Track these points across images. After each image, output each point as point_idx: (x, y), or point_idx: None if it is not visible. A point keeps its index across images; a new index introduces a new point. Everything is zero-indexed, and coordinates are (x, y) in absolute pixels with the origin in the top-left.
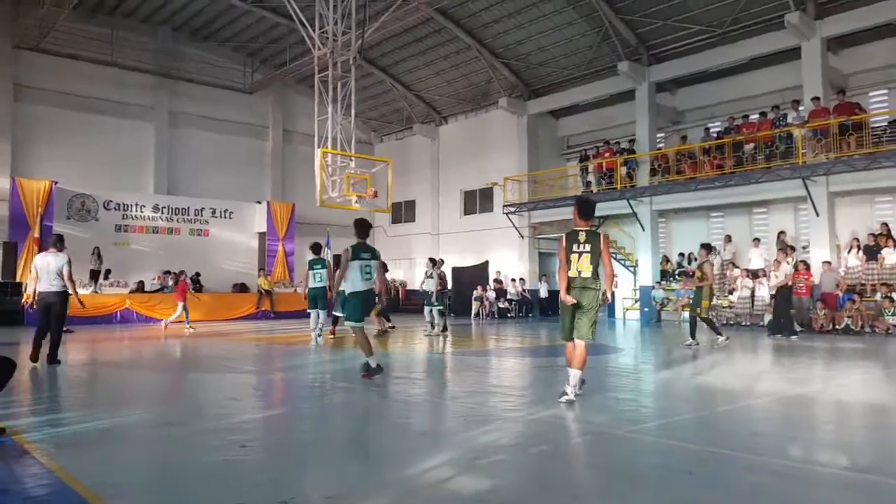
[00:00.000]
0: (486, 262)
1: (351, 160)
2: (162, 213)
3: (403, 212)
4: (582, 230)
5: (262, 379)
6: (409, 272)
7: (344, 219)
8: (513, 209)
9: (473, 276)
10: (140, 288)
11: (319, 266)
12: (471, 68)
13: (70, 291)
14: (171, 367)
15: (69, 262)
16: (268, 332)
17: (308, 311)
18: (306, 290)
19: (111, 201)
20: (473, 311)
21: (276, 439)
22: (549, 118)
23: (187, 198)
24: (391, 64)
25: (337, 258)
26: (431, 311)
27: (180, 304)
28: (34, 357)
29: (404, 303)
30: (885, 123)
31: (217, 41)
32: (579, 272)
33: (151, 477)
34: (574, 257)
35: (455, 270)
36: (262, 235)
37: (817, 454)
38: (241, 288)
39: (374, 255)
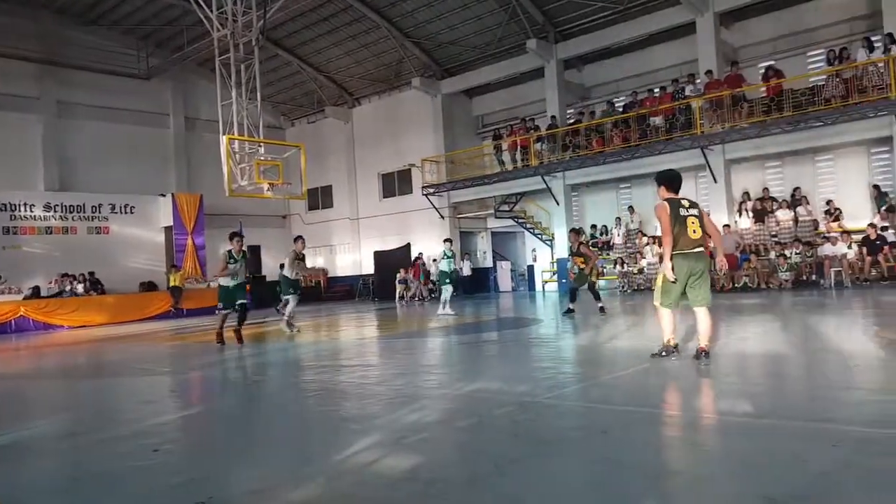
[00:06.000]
0: (409, 245)
1: (260, 146)
2: (55, 211)
3: (320, 198)
4: (683, 198)
5: (177, 379)
6: (330, 259)
7: (256, 208)
8: (432, 190)
9: (396, 259)
10: (35, 293)
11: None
12: (381, 48)
13: None
14: (77, 375)
15: None
16: (181, 330)
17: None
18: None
19: None
20: (397, 295)
21: (192, 440)
22: (463, 97)
23: (83, 194)
24: (298, 44)
25: (250, 248)
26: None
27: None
28: None
29: (327, 291)
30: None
31: (106, 25)
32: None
33: (57, 488)
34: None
35: (377, 255)
36: (168, 230)
37: (721, 404)
38: (149, 286)
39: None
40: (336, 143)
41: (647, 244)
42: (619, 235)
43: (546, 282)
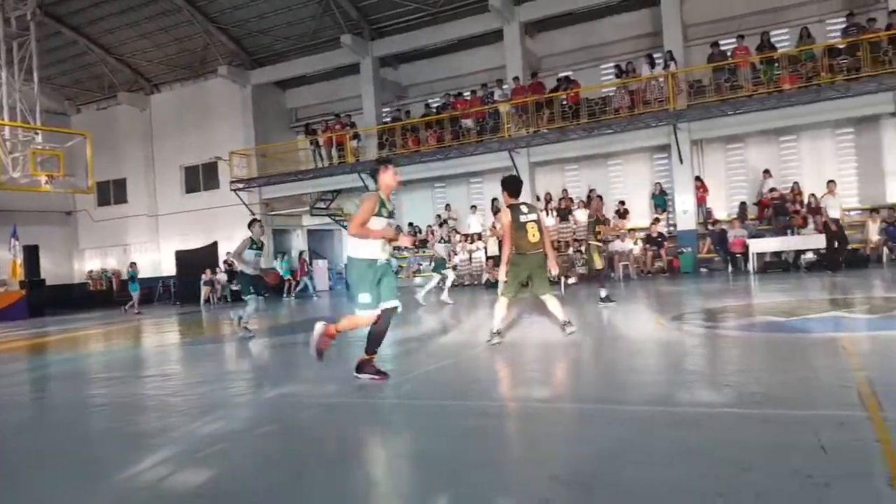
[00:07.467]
0: (215, 243)
1: (36, 133)
2: None
3: (112, 192)
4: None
5: None
6: (124, 260)
7: (34, 203)
8: (241, 185)
9: (201, 259)
10: None
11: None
12: (183, 32)
13: None
14: None
15: None
16: None
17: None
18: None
19: None
20: (203, 297)
21: None
22: (275, 89)
23: None
24: (85, 23)
25: (27, 248)
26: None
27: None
28: None
29: (118, 294)
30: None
31: None
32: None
33: None
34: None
35: (179, 255)
36: None
37: (520, 391)
38: None
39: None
40: (131, 132)
41: (460, 242)
42: (445, 233)
43: None
